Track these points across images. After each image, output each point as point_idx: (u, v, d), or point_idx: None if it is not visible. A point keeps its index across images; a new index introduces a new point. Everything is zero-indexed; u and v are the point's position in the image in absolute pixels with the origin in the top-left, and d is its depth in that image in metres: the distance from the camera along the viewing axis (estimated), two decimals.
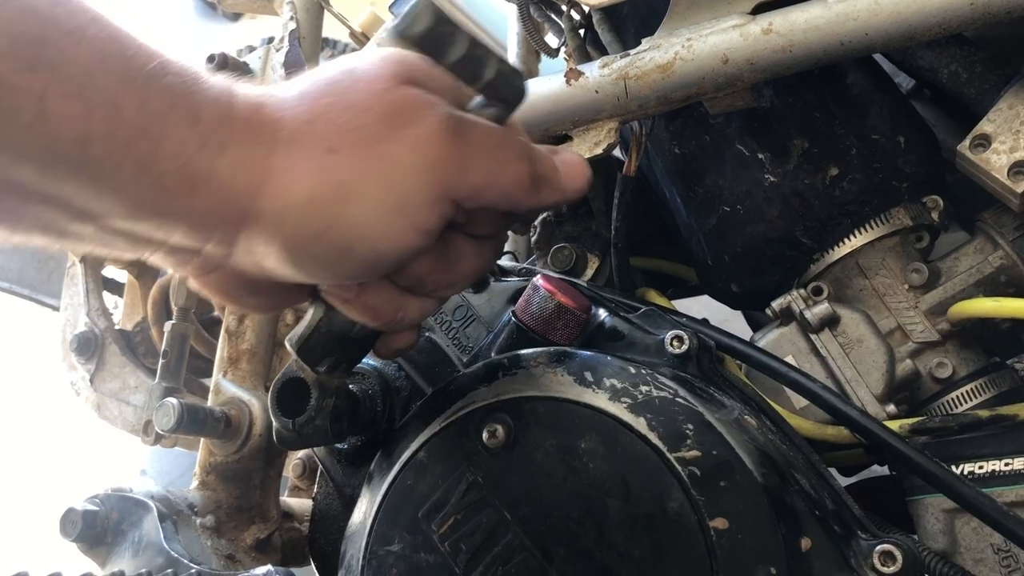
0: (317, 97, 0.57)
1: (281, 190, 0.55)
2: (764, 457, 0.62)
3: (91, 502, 0.96)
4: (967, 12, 0.74)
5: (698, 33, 0.83)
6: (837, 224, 0.89)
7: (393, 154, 0.55)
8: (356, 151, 0.55)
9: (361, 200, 0.55)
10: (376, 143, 0.55)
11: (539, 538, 0.60)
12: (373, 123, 0.55)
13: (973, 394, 0.84)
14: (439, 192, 0.56)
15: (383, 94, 0.56)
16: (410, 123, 0.56)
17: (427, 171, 0.55)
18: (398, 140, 0.55)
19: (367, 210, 0.55)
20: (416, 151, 0.55)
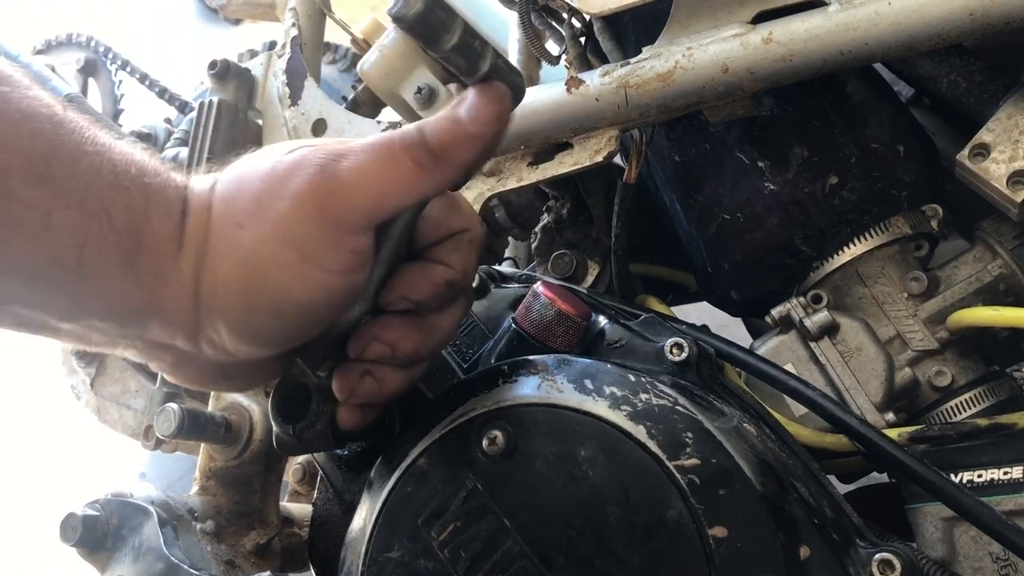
0: (232, 180, 0.62)
1: (212, 275, 0.59)
2: (763, 465, 0.62)
3: (91, 507, 0.96)
4: (966, 22, 0.75)
5: (698, 42, 0.84)
6: (836, 232, 0.89)
7: (281, 212, 0.58)
8: (256, 220, 0.59)
9: (271, 263, 0.58)
10: (266, 207, 0.58)
11: (538, 545, 0.60)
12: (263, 190, 0.59)
13: (972, 403, 0.84)
14: (333, 230, 0.58)
15: (274, 162, 0.60)
16: (288, 179, 0.58)
17: (312, 216, 0.58)
18: (282, 198, 0.58)
19: (279, 270, 0.58)
20: (296, 201, 0.58)
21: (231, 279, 0.59)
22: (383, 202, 0.59)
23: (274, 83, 1.14)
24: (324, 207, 0.58)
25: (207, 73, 1.18)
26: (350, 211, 0.58)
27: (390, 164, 0.59)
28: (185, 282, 0.60)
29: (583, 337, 0.75)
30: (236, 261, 0.59)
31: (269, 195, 0.59)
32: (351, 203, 0.58)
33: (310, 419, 0.65)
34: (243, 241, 0.59)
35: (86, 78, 1.87)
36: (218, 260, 0.59)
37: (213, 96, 1.15)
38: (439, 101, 1.11)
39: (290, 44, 1.15)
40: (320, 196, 0.58)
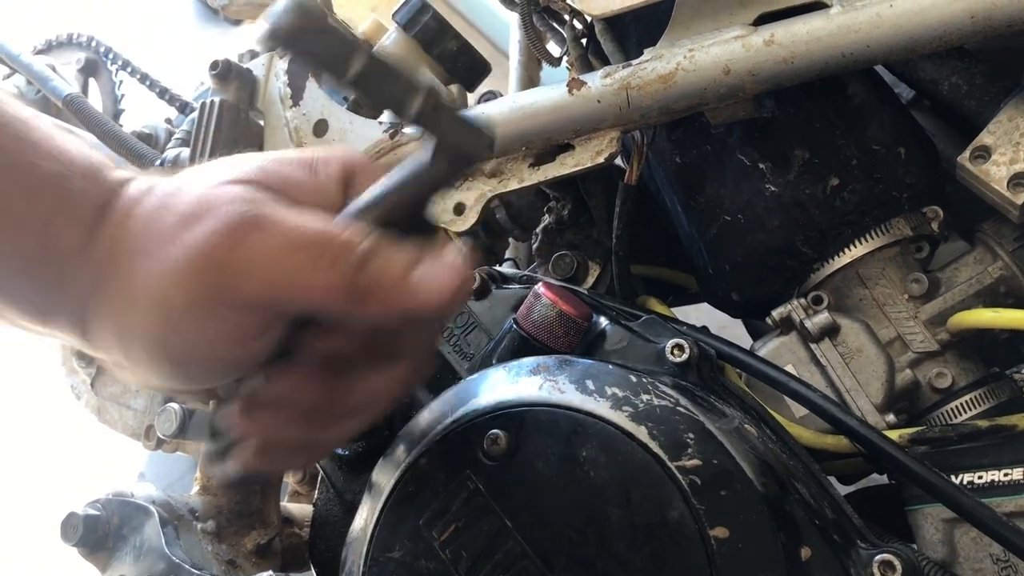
0: (162, 196, 0.55)
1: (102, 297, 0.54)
2: (764, 466, 0.63)
3: (92, 507, 0.96)
4: (968, 25, 0.75)
5: (700, 44, 0.84)
6: (837, 234, 0.89)
7: (168, 257, 0.51)
8: (151, 254, 0.52)
9: (145, 305, 0.52)
10: (164, 245, 0.52)
11: (540, 546, 0.60)
12: (172, 225, 0.52)
13: (972, 404, 0.84)
14: (206, 298, 0.51)
15: (202, 192, 0.54)
16: (196, 223, 0.51)
17: (188, 277, 0.51)
18: (176, 242, 0.52)
19: (150, 316, 0.52)
20: (184, 254, 0.51)
21: (118, 308, 0.54)
22: (277, 298, 0.52)
23: (276, 84, 1.14)
24: (205, 279, 0.51)
25: (208, 73, 1.18)
26: (234, 292, 0.51)
27: (305, 265, 0.51)
28: (82, 292, 0.55)
29: (584, 338, 0.75)
30: (124, 291, 0.53)
31: (173, 233, 0.52)
32: (237, 285, 0.51)
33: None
34: (134, 272, 0.53)
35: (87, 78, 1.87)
36: (109, 283, 0.54)
37: (214, 96, 1.15)
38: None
39: None
40: (207, 266, 0.51)
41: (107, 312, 0.54)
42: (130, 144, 1.26)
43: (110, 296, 0.54)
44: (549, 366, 0.67)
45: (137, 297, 0.53)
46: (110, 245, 0.54)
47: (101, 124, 1.29)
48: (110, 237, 0.55)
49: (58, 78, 1.44)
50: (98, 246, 0.54)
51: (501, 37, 2.50)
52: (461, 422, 0.65)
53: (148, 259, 0.53)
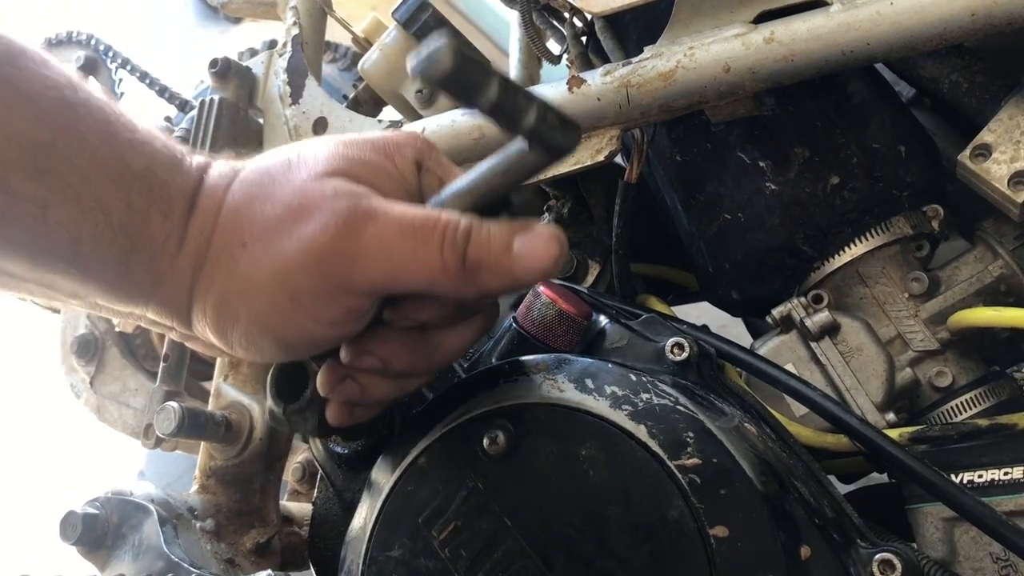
0: (251, 186, 0.59)
1: (205, 285, 0.58)
2: (764, 465, 0.62)
3: (91, 505, 0.96)
4: (968, 23, 0.75)
5: (700, 42, 0.84)
6: (838, 232, 0.89)
7: (284, 249, 0.55)
8: (260, 245, 0.56)
9: (259, 294, 0.56)
10: (275, 238, 0.56)
11: (539, 545, 0.60)
12: (277, 217, 0.56)
13: (972, 403, 0.84)
14: (332, 286, 0.55)
15: (300, 186, 0.57)
16: (307, 218, 0.55)
17: (314, 267, 0.55)
18: (291, 235, 0.55)
19: (265, 304, 0.56)
20: (303, 247, 0.55)
21: (222, 296, 0.58)
22: (395, 282, 0.56)
23: (275, 82, 1.14)
24: (332, 269, 0.55)
25: (208, 71, 1.18)
26: (358, 279, 0.55)
27: (420, 248, 0.55)
28: (181, 281, 0.59)
29: (584, 336, 0.75)
30: (230, 279, 0.57)
31: (280, 226, 0.56)
32: (362, 273, 0.55)
33: (300, 404, 0.65)
34: (241, 262, 0.57)
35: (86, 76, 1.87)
36: (213, 272, 0.58)
37: (214, 95, 1.15)
38: (440, 100, 1.11)
39: (291, 43, 1.15)
40: (332, 257, 0.55)
41: (212, 300, 0.58)
42: None
43: (216, 285, 0.58)
44: (548, 364, 0.67)
45: (251, 287, 0.57)
46: (207, 236, 0.58)
47: None
48: (205, 228, 0.58)
49: None
50: (194, 237, 0.58)
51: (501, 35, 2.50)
52: (460, 421, 0.65)
53: (259, 251, 0.56)
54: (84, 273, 0.56)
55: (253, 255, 0.56)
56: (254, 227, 0.57)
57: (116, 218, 0.55)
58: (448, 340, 0.63)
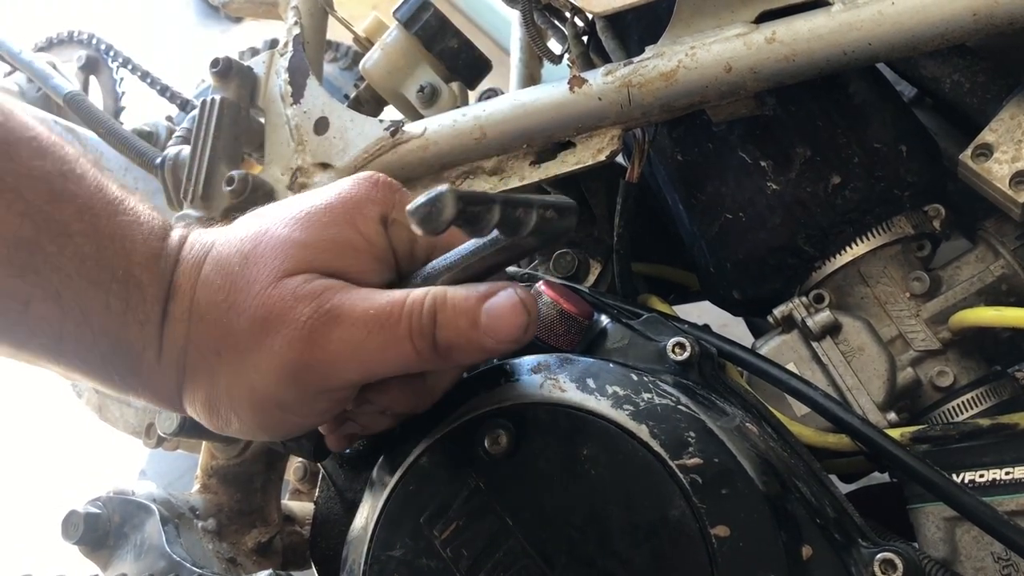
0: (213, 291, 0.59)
1: (191, 392, 0.61)
2: (765, 465, 0.63)
3: (93, 505, 0.96)
4: (970, 23, 0.74)
5: (702, 41, 0.84)
6: (839, 232, 0.89)
7: (259, 366, 0.56)
8: (234, 356, 0.58)
9: (244, 405, 0.59)
10: (247, 353, 0.57)
11: (541, 545, 0.60)
12: (244, 331, 0.57)
13: (974, 403, 0.84)
14: (312, 392, 0.57)
15: (260, 294, 0.57)
16: (272, 331, 0.56)
17: (290, 381, 0.56)
18: (261, 350, 0.56)
19: (252, 412, 0.59)
20: (275, 364, 0.56)
21: (210, 403, 0.60)
22: (371, 375, 0.58)
23: (276, 81, 1.14)
24: (307, 379, 0.56)
25: (209, 71, 1.18)
26: (334, 382, 0.57)
27: (389, 343, 0.56)
28: (168, 386, 0.61)
29: (585, 336, 0.75)
30: (213, 389, 0.59)
31: (250, 340, 0.57)
32: (336, 377, 0.57)
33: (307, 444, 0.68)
34: (220, 373, 0.58)
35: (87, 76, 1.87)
36: (195, 381, 0.60)
37: (215, 94, 1.15)
38: (442, 99, 1.11)
39: (292, 42, 1.15)
40: (305, 370, 0.56)
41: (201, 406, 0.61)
42: (131, 142, 1.26)
43: (201, 393, 0.60)
44: (550, 364, 0.67)
45: (234, 399, 0.59)
46: (183, 345, 0.60)
47: (102, 122, 1.29)
48: (178, 337, 0.60)
49: (59, 76, 1.44)
50: (170, 348, 0.60)
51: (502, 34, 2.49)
52: (461, 421, 0.65)
53: (235, 362, 0.58)
54: (69, 365, 0.59)
55: (230, 366, 0.58)
56: (224, 337, 0.58)
57: (96, 319, 0.57)
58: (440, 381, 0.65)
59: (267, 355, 0.56)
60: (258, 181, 1.09)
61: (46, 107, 1.60)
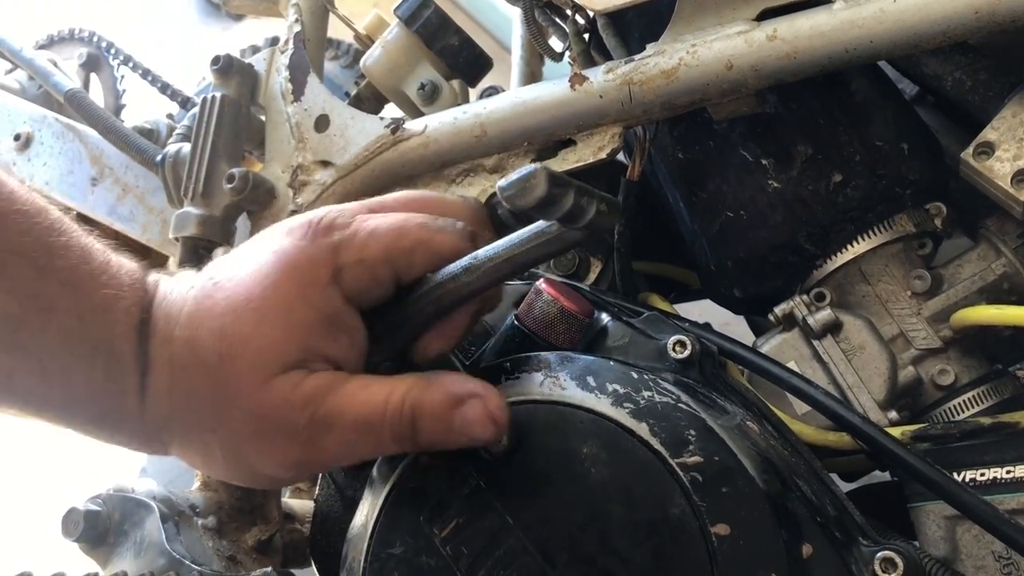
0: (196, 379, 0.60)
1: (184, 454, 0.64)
2: (766, 463, 0.62)
3: (93, 502, 0.96)
4: (972, 20, 0.74)
5: (703, 39, 0.84)
6: (840, 230, 0.89)
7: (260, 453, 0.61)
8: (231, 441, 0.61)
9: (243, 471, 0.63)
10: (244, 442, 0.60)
11: (541, 542, 0.60)
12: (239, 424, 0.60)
13: (975, 401, 0.84)
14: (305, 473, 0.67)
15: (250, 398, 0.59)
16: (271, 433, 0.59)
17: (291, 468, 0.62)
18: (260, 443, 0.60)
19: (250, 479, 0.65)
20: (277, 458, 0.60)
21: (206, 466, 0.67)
22: (353, 460, 0.64)
23: (277, 79, 1.14)
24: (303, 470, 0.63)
25: (210, 69, 1.18)
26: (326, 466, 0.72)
27: (377, 445, 0.61)
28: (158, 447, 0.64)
29: (586, 334, 0.75)
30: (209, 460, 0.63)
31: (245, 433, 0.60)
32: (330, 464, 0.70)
33: None
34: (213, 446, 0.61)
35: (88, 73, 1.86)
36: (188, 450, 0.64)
37: (216, 92, 1.15)
38: (442, 97, 1.11)
39: (293, 40, 1.15)
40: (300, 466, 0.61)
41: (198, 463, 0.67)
42: (131, 139, 1.26)
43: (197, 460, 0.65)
44: (550, 362, 0.67)
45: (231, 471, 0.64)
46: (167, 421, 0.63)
47: (102, 119, 1.29)
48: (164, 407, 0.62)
49: (60, 73, 1.44)
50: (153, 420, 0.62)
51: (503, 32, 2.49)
52: None
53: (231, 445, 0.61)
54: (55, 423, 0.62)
55: (227, 445, 0.61)
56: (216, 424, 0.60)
57: (80, 390, 0.59)
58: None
59: (268, 449, 0.60)
60: (259, 179, 1.09)
61: (47, 104, 1.59)
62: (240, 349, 0.59)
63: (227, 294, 0.61)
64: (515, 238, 0.61)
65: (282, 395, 0.58)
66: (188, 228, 1.10)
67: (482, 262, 0.62)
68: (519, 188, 0.51)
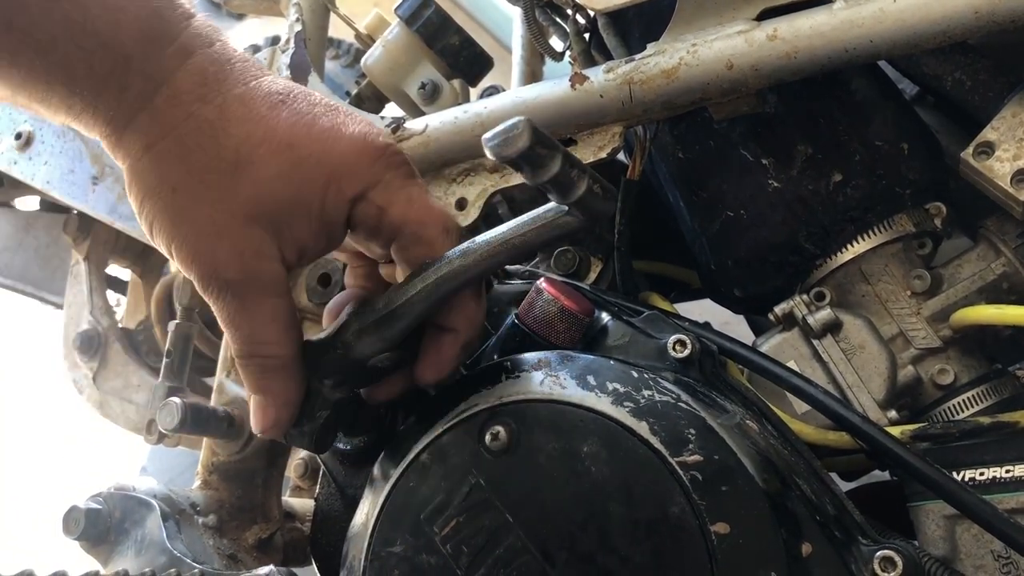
0: (189, 155, 0.61)
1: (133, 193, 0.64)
2: (766, 462, 0.63)
3: (94, 500, 0.96)
4: (971, 20, 0.74)
5: (703, 39, 0.84)
6: (840, 230, 0.89)
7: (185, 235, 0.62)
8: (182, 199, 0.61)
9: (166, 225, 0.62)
10: (187, 221, 0.62)
11: (541, 541, 0.60)
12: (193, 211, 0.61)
13: (974, 401, 0.84)
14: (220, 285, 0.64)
15: (219, 218, 0.61)
16: (206, 247, 0.61)
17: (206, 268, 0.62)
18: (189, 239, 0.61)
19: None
20: (189, 262, 0.62)
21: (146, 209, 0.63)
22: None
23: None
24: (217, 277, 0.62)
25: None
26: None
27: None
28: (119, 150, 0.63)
29: (586, 334, 0.75)
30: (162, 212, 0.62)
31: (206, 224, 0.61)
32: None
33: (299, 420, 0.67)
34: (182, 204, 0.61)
35: None
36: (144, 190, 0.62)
37: None
38: (443, 96, 1.11)
39: (294, 39, 1.15)
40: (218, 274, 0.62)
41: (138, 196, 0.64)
42: None
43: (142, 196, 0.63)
44: (551, 361, 0.67)
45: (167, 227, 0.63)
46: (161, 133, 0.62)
47: None
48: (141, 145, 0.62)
49: None
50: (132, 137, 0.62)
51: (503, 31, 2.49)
52: (462, 417, 0.65)
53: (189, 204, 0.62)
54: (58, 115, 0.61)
55: (174, 203, 0.61)
56: (185, 175, 0.61)
57: (79, 75, 0.59)
58: None
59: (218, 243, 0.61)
60: None
61: None
62: (269, 157, 0.61)
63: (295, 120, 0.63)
64: (512, 224, 0.62)
65: (244, 244, 0.61)
66: None
67: (479, 246, 0.63)
68: (503, 138, 0.53)
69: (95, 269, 1.60)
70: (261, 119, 0.62)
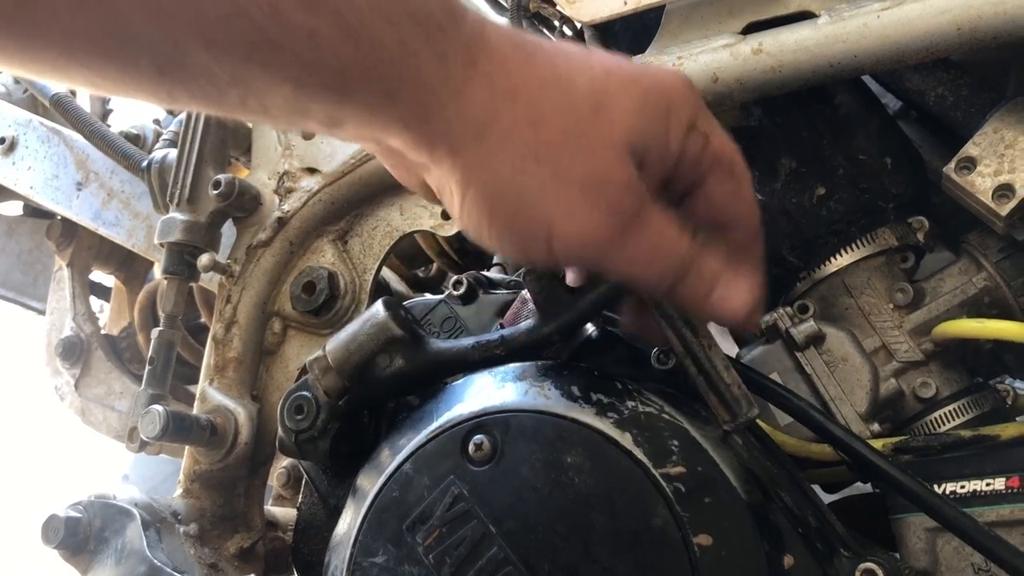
0: (543, 119, 0.57)
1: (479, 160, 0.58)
2: (748, 474, 0.63)
3: (74, 509, 0.95)
4: (954, 36, 0.75)
5: (688, 52, 0.84)
6: (823, 243, 0.90)
7: (553, 216, 0.57)
8: (550, 167, 0.57)
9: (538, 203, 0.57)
10: (565, 183, 0.57)
11: (523, 552, 0.60)
12: (565, 174, 0.57)
13: (956, 414, 0.85)
14: (581, 252, 0.59)
15: (599, 154, 0.57)
16: (593, 199, 0.57)
17: (573, 238, 0.58)
18: (574, 206, 0.57)
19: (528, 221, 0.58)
20: (580, 229, 0.57)
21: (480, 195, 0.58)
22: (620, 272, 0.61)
23: None
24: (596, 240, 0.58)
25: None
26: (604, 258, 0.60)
27: (656, 266, 0.60)
28: (449, 130, 0.57)
29: (571, 344, 0.75)
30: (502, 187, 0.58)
31: (568, 189, 0.57)
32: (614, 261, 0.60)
33: (313, 433, 0.70)
34: (528, 173, 0.57)
35: None
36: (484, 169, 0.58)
37: None
38: None
39: None
40: (595, 245, 0.58)
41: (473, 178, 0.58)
42: (117, 144, 1.26)
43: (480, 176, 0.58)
44: (535, 372, 0.67)
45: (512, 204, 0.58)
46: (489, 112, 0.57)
47: (89, 124, 1.28)
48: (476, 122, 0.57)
49: None
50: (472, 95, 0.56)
51: None
52: (445, 427, 0.65)
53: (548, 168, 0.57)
54: (345, 101, 0.55)
55: (539, 182, 0.57)
56: (544, 140, 0.57)
57: (388, 54, 0.53)
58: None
59: (584, 206, 0.57)
60: (245, 185, 1.09)
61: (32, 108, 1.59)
62: (610, 114, 0.58)
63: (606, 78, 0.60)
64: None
65: (627, 174, 0.57)
66: (173, 234, 1.09)
67: None
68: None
69: (78, 275, 1.59)
70: (592, 63, 0.60)
